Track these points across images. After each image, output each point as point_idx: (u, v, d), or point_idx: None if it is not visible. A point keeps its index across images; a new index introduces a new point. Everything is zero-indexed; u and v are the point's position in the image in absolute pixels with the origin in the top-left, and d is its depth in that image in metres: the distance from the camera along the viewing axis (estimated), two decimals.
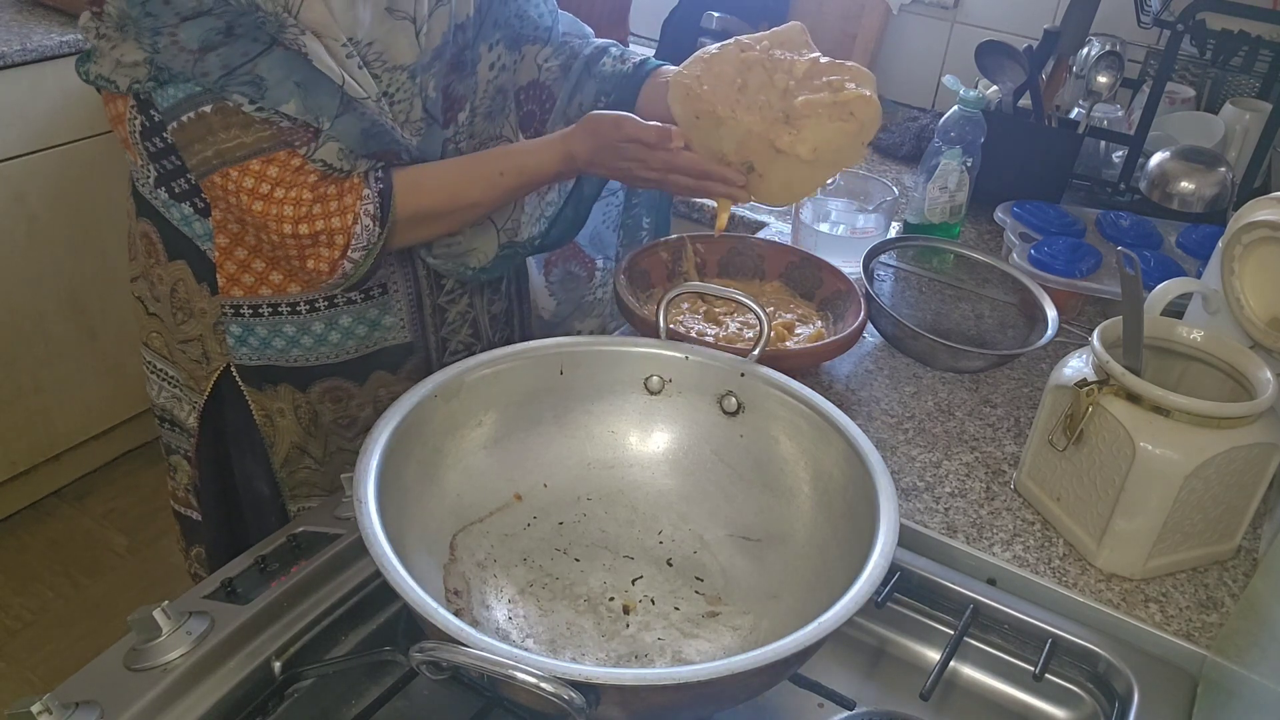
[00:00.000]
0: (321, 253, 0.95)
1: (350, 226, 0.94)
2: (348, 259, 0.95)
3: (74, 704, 0.66)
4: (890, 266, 1.27)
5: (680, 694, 0.61)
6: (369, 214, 0.95)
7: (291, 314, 1.04)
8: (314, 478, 1.15)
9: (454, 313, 1.15)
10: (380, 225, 0.95)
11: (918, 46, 1.93)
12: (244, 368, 1.07)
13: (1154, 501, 0.84)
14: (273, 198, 0.91)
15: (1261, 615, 0.71)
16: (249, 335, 1.05)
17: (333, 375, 1.09)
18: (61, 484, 2.34)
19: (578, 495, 0.87)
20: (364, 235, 0.95)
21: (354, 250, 0.95)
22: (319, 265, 0.96)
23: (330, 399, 1.11)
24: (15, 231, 2.00)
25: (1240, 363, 0.89)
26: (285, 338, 1.05)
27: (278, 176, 0.91)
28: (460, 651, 0.58)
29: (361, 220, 0.94)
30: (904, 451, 1.02)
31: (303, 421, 1.11)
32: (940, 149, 1.36)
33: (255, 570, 0.79)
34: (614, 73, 1.16)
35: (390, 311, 1.09)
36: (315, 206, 0.93)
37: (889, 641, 0.87)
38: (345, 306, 1.06)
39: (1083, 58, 1.56)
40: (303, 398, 1.09)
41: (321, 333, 1.06)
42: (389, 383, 1.13)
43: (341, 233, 0.94)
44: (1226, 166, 1.42)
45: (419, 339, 1.13)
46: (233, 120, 0.89)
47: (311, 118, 0.90)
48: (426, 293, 1.12)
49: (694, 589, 0.81)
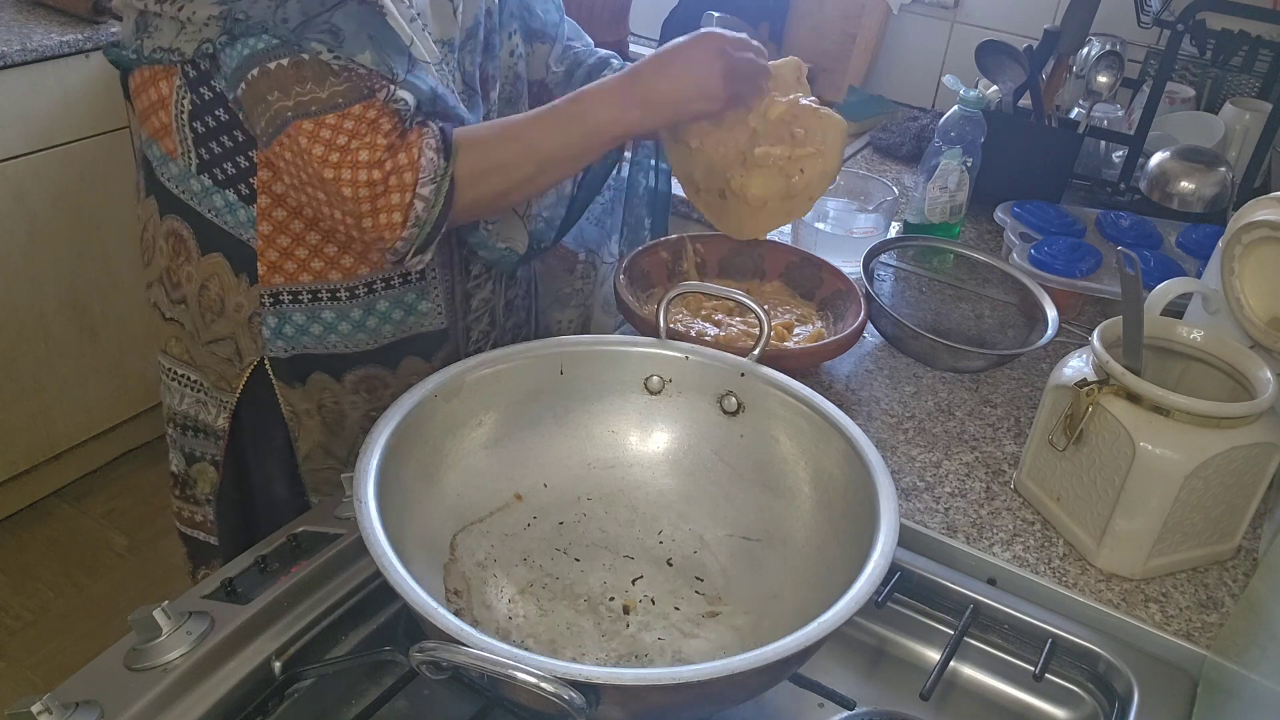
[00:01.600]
0: (393, 199, 0.93)
1: (416, 161, 0.92)
2: (418, 197, 0.93)
3: (74, 704, 0.66)
4: (890, 266, 1.27)
5: (680, 694, 0.61)
6: (432, 147, 0.93)
7: (331, 300, 1.04)
8: (335, 478, 1.13)
9: (478, 299, 1.16)
10: (444, 158, 0.93)
11: (918, 46, 1.93)
12: (277, 361, 1.06)
13: (1154, 501, 0.84)
14: (348, 149, 0.91)
15: (1261, 615, 0.71)
16: (284, 325, 1.04)
17: (367, 363, 1.09)
18: (61, 484, 2.34)
19: (578, 495, 0.87)
20: (429, 168, 0.93)
21: (422, 185, 0.93)
22: (391, 217, 0.93)
23: (365, 388, 1.10)
24: (16, 231, 2.00)
25: (1240, 363, 0.89)
26: (323, 323, 1.05)
27: (353, 129, 0.91)
28: (460, 651, 0.58)
29: (425, 153, 0.93)
30: (904, 451, 1.02)
31: (328, 421, 1.11)
32: (940, 149, 1.36)
33: (255, 570, 0.79)
34: None
35: (427, 296, 1.09)
36: (386, 153, 0.92)
37: (889, 641, 0.87)
38: (384, 291, 1.06)
39: (1083, 58, 1.56)
40: (336, 387, 1.09)
41: (359, 319, 1.06)
42: (422, 370, 1.12)
43: (409, 169, 0.92)
44: (1226, 166, 1.42)
45: (452, 326, 1.13)
46: (307, 74, 0.89)
47: (386, 69, 0.91)
48: (459, 279, 1.12)
49: (694, 589, 0.81)
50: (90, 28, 2.01)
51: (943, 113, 1.41)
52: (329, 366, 1.08)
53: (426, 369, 1.11)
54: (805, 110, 1.04)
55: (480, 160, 0.96)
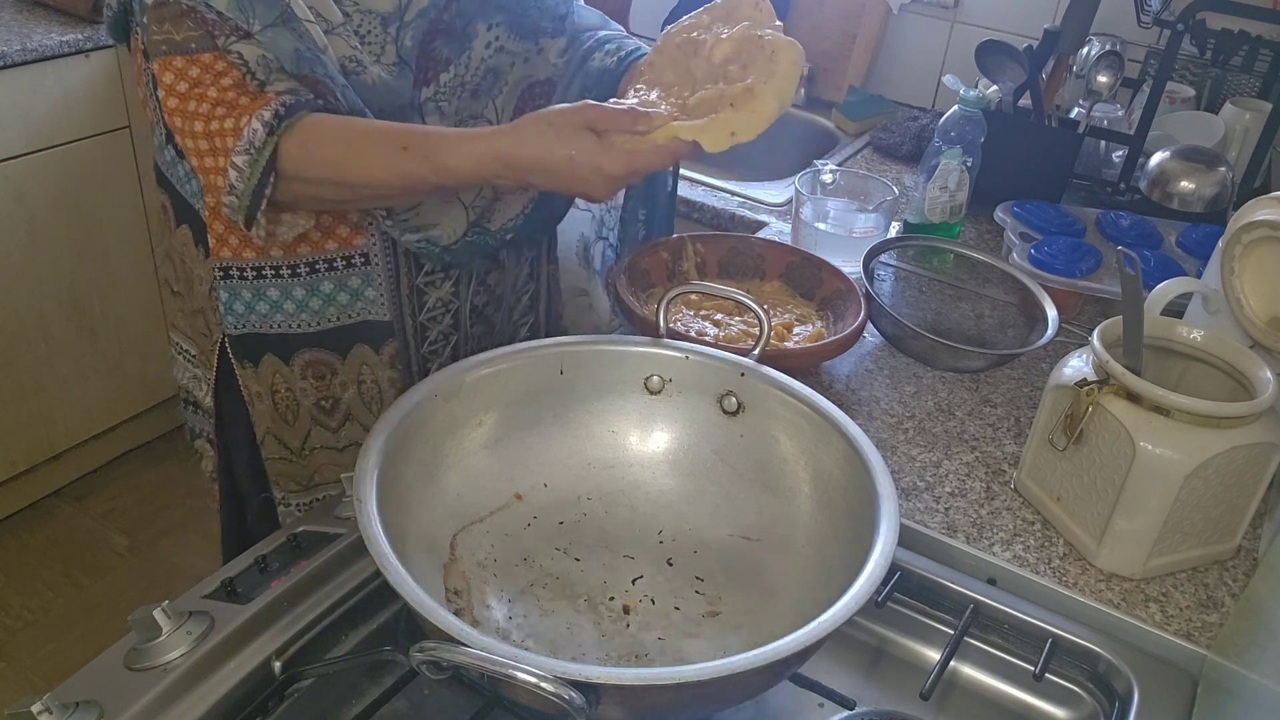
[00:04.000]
0: (219, 161, 0.89)
1: (239, 126, 0.87)
2: (232, 165, 0.88)
3: (74, 704, 0.66)
4: (890, 266, 1.27)
5: (680, 694, 0.61)
6: (262, 118, 0.87)
7: (275, 276, 1.02)
8: (290, 470, 1.13)
9: (434, 299, 1.10)
10: (270, 132, 0.87)
11: (918, 46, 1.93)
12: (233, 339, 1.05)
13: (1154, 501, 0.84)
14: (187, 97, 0.88)
15: (1261, 615, 0.71)
16: (235, 300, 1.03)
17: (315, 345, 1.07)
18: (61, 484, 2.34)
19: (578, 495, 0.87)
20: (249, 138, 0.87)
21: (237, 153, 0.87)
22: (214, 179, 0.90)
23: (313, 374, 1.08)
24: (16, 231, 2.00)
25: (1240, 362, 0.89)
26: (269, 301, 1.03)
27: (197, 78, 0.88)
28: (460, 651, 0.58)
29: (252, 122, 0.87)
30: (904, 451, 1.02)
31: (280, 407, 1.09)
32: (940, 149, 1.36)
33: (255, 570, 0.79)
34: (600, 68, 1.10)
35: (372, 284, 1.06)
36: (220, 109, 0.88)
37: (889, 641, 0.87)
38: (327, 273, 1.03)
39: (1083, 57, 1.56)
40: (286, 371, 1.07)
41: (303, 299, 1.04)
42: (372, 363, 1.10)
43: (232, 134, 0.88)
44: (1226, 166, 1.42)
45: (397, 320, 1.09)
46: (166, 15, 0.87)
47: (241, 17, 0.86)
48: (405, 270, 1.07)
49: (694, 589, 0.81)
50: (90, 28, 2.02)
51: (943, 113, 1.41)
52: (278, 347, 1.06)
53: (377, 364, 1.10)
54: (750, 43, 0.93)
55: (315, 155, 0.89)
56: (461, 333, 1.15)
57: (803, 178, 1.38)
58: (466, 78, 1.03)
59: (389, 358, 1.10)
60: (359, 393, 1.10)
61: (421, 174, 0.89)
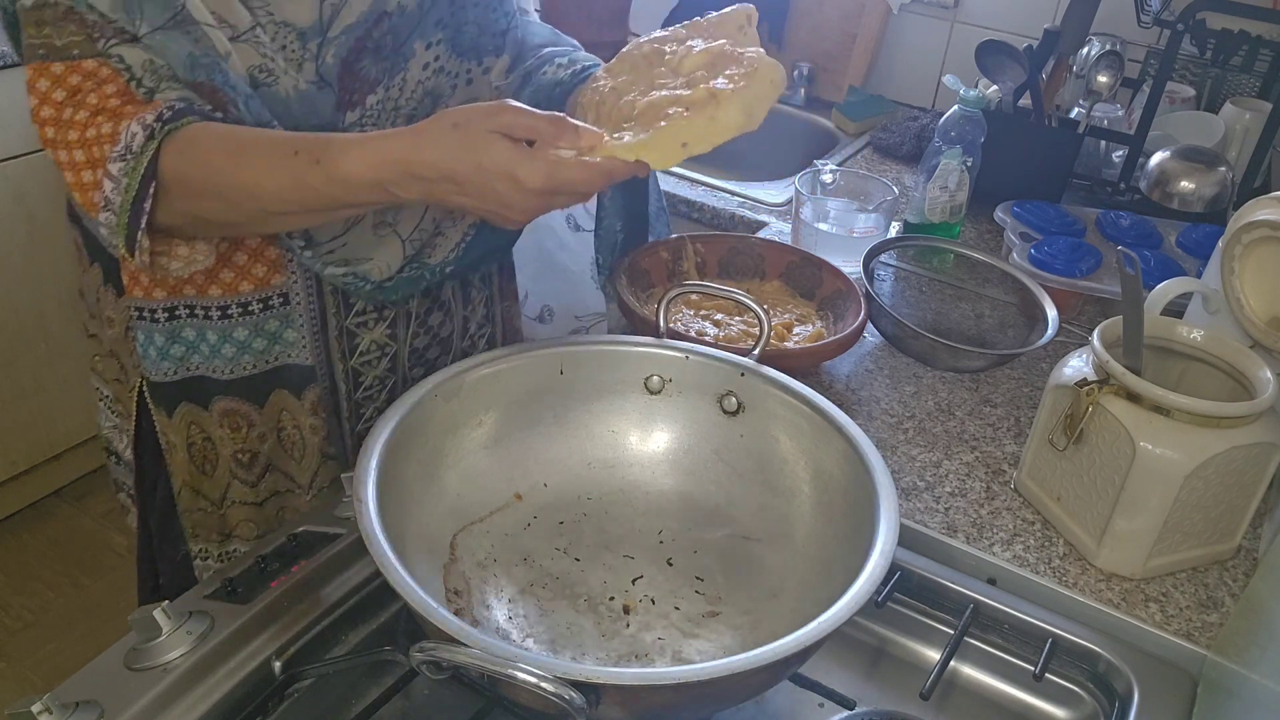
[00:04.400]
0: (95, 175, 0.79)
1: (117, 131, 0.78)
2: (107, 174, 0.77)
3: (74, 704, 0.66)
4: (890, 266, 1.27)
5: (680, 694, 0.61)
6: (143, 123, 0.77)
7: (189, 317, 0.93)
8: (207, 521, 1.04)
9: (367, 341, 1.00)
10: (149, 136, 0.77)
11: (918, 46, 1.93)
12: (151, 385, 0.97)
13: (1154, 501, 0.84)
14: (66, 104, 0.78)
15: (1261, 615, 0.71)
16: (149, 344, 0.94)
17: (231, 393, 0.97)
18: (61, 484, 2.34)
19: (578, 495, 0.87)
20: (125, 142, 0.77)
21: (112, 160, 0.77)
22: (90, 195, 0.79)
23: (229, 424, 0.99)
24: (15, 231, 2.00)
25: (1240, 362, 0.89)
26: (185, 344, 0.95)
27: (77, 84, 0.78)
28: (460, 651, 0.58)
29: (131, 127, 0.77)
30: (904, 451, 1.02)
31: (197, 458, 1.00)
32: (940, 149, 1.36)
33: (255, 570, 0.79)
34: (551, 80, 1.00)
35: (291, 325, 0.96)
36: (99, 117, 0.78)
37: (889, 641, 0.87)
38: (241, 318, 0.94)
39: (1083, 57, 1.56)
40: (204, 418, 0.98)
41: (216, 343, 0.95)
42: (293, 409, 1.00)
43: (109, 139, 0.78)
44: (1226, 166, 1.42)
45: (322, 364, 0.99)
46: (46, 17, 0.78)
47: (126, 19, 0.77)
48: (332, 311, 0.97)
49: (694, 589, 0.81)
50: None
51: (943, 112, 1.41)
52: (195, 392, 0.97)
53: (298, 410, 1.00)
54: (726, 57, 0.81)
55: (195, 159, 0.78)
56: (399, 376, 1.05)
57: (803, 178, 1.38)
58: (400, 101, 0.93)
59: (311, 404, 1.00)
60: (279, 441, 1.01)
61: (312, 182, 0.77)
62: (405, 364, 1.05)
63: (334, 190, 0.77)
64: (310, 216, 0.84)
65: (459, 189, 0.76)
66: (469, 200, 0.77)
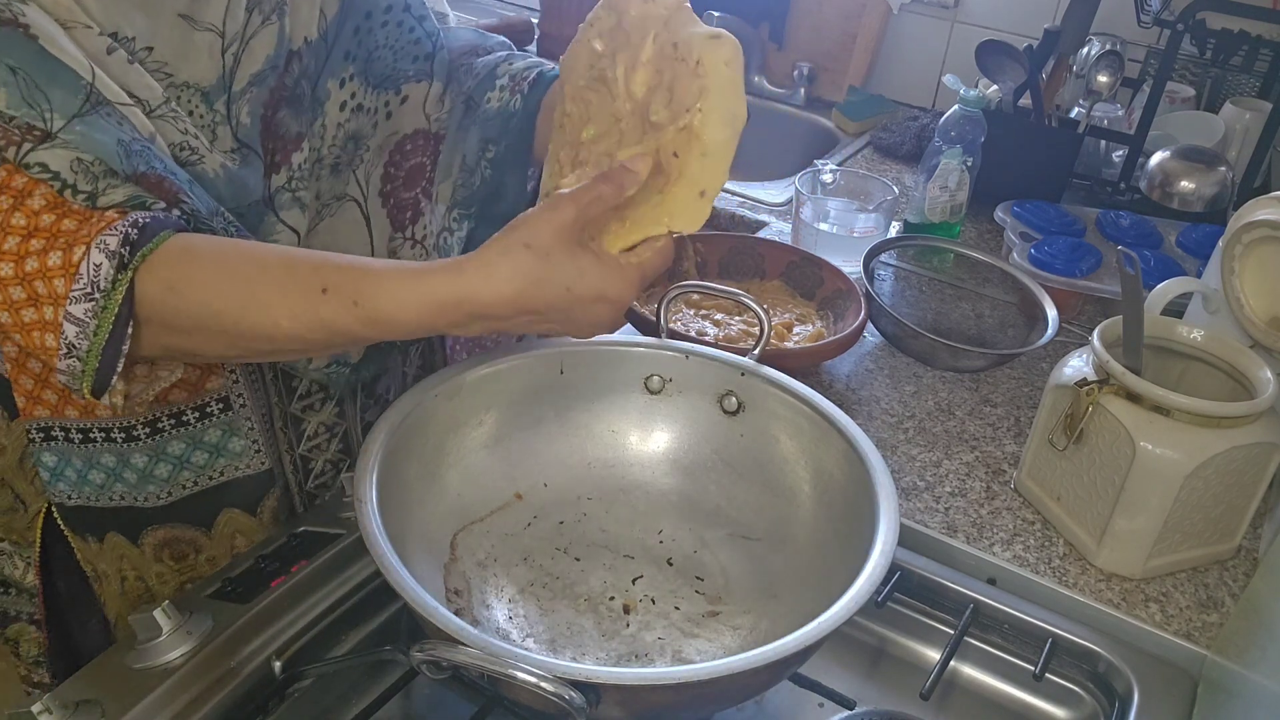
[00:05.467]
0: (44, 313, 0.63)
1: (73, 264, 0.62)
2: (68, 316, 0.63)
3: (74, 704, 0.66)
4: (890, 266, 1.27)
5: (680, 693, 0.61)
6: (105, 250, 0.62)
7: (106, 441, 0.79)
8: None
9: (314, 424, 0.89)
10: (119, 266, 0.62)
11: (918, 46, 1.93)
12: (65, 509, 0.82)
13: (1154, 501, 0.84)
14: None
15: (1261, 615, 0.71)
16: (65, 466, 0.80)
17: (169, 520, 0.84)
18: None
19: (578, 495, 0.87)
20: (89, 277, 0.62)
21: (74, 302, 0.62)
22: (43, 338, 0.64)
23: (170, 555, 0.85)
24: None
25: (1240, 362, 0.89)
26: (104, 470, 0.80)
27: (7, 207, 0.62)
28: (460, 651, 0.58)
29: (91, 256, 0.62)
30: (904, 451, 1.02)
31: (130, 595, 0.86)
32: (940, 148, 1.36)
33: (255, 570, 0.79)
34: (500, 111, 0.89)
35: (238, 432, 0.82)
36: (34, 241, 0.62)
37: (889, 641, 0.87)
38: (174, 430, 0.80)
39: (1083, 57, 1.56)
40: (134, 554, 0.84)
41: (145, 466, 0.80)
42: (248, 529, 0.87)
43: (62, 273, 0.62)
44: (1226, 166, 1.42)
45: (276, 463, 0.87)
46: None
47: (31, 113, 0.62)
48: (275, 400, 0.85)
49: (694, 589, 0.81)
50: None
51: (943, 112, 1.41)
52: (122, 524, 0.83)
53: (255, 527, 0.88)
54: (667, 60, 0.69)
55: (190, 297, 0.65)
56: (353, 456, 0.94)
57: (803, 178, 1.38)
58: (323, 151, 0.82)
59: (270, 514, 0.88)
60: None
61: (346, 325, 0.65)
62: (357, 443, 0.94)
63: (373, 333, 0.67)
64: (331, 350, 0.74)
65: (540, 318, 0.67)
66: (549, 326, 0.68)
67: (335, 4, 0.80)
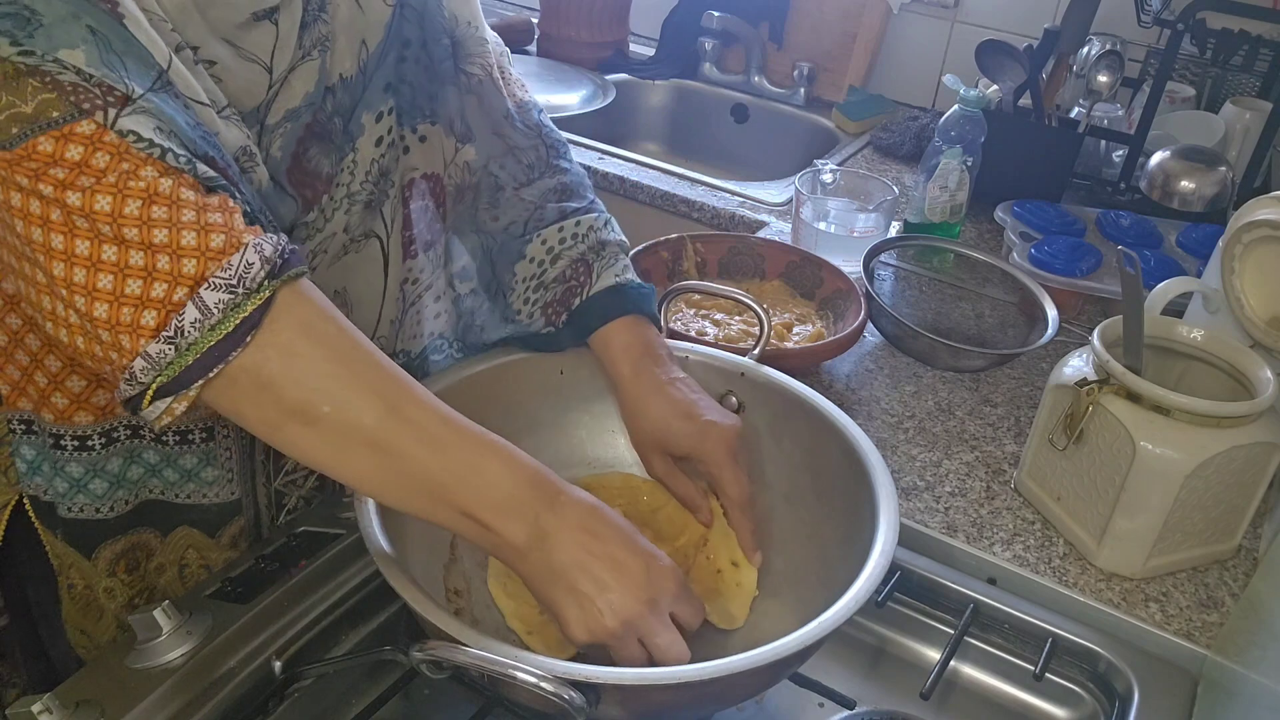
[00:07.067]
0: (152, 291, 0.57)
1: (227, 248, 0.58)
2: (197, 300, 0.57)
3: (74, 704, 0.66)
4: (890, 266, 1.27)
5: (680, 693, 0.61)
6: (261, 254, 0.59)
7: (78, 450, 0.76)
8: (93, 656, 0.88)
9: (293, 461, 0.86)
10: (269, 274, 0.59)
11: (918, 46, 1.93)
12: (38, 502, 0.80)
13: (1154, 501, 0.84)
14: (95, 190, 0.57)
15: (1261, 615, 0.71)
16: (42, 461, 0.78)
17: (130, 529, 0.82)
18: None
19: None
20: (238, 268, 0.58)
21: (211, 287, 0.57)
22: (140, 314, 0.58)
23: (125, 566, 0.83)
24: None
25: (1240, 362, 0.89)
26: (68, 479, 0.78)
27: (79, 159, 0.57)
28: (460, 651, 0.58)
29: (247, 254, 0.59)
30: (904, 451, 1.02)
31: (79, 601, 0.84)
32: (940, 148, 1.36)
33: (255, 570, 0.79)
34: (523, 316, 0.85)
35: (214, 463, 0.81)
36: (158, 209, 0.58)
37: (889, 641, 0.87)
38: (152, 444, 0.79)
39: (1083, 57, 1.56)
40: (85, 566, 0.82)
41: (119, 470, 0.79)
42: (202, 546, 0.85)
43: (208, 255, 0.58)
44: (1226, 166, 1.42)
45: (248, 494, 0.85)
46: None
47: (114, 77, 0.58)
48: None
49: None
50: None
51: (943, 112, 1.41)
52: (76, 538, 0.81)
53: (209, 546, 0.86)
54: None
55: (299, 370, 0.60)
56: (328, 492, 0.93)
57: (803, 178, 1.38)
58: (353, 188, 0.79)
59: (230, 538, 0.86)
60: (179, 575, 0.86)
61: (447, 520, 0.65)
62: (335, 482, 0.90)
63: (459, 525, 0.65)
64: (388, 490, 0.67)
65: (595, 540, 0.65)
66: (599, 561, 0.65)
67: (380, 31, 0.77)
